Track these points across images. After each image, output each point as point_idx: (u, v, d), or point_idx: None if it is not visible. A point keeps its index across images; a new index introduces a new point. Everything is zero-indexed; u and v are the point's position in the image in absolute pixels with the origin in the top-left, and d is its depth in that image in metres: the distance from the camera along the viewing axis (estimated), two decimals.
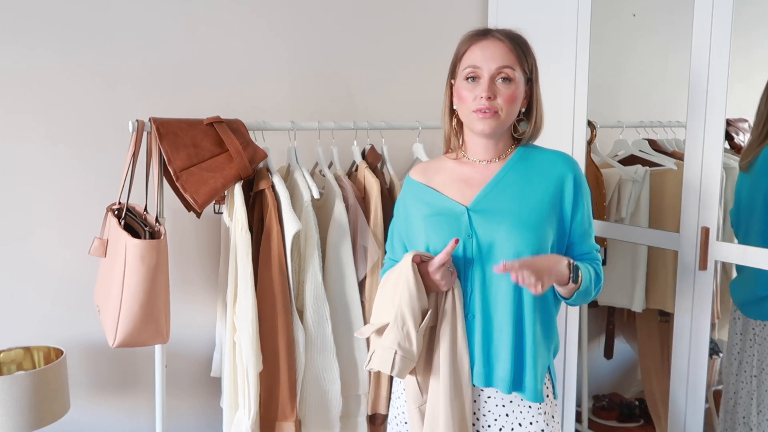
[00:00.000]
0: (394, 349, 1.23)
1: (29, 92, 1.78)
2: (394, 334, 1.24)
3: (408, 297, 1.25)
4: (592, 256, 1.38)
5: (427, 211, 1.36)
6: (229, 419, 1.76)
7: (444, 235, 1.30)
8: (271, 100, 2.13)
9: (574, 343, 2.20)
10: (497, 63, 1.26)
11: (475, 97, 1.27)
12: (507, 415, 1.33)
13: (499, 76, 1.27)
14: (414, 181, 1.43)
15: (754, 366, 1.91)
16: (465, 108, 1.30)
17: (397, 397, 1.43)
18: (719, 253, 1.73)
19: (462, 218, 1.31)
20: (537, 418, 1.32)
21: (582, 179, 1.35)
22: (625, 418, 2.57)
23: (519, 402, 1.33)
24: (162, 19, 1.94)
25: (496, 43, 1.28)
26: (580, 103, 2.08)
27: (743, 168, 1.81)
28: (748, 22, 1.69)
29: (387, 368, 1.22)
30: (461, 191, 1.35)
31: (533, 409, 1.32)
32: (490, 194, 1.32)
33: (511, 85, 1.27)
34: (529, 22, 2.26)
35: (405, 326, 1.24)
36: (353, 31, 2.27)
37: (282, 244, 1.67)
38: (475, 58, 1.28)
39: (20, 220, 1.80)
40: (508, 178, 1.33)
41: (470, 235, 1.30)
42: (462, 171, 1.38)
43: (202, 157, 1.66)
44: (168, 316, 1.64)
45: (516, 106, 1.30)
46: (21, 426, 1.57)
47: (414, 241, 1.38)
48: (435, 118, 2.13)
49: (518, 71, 1.28)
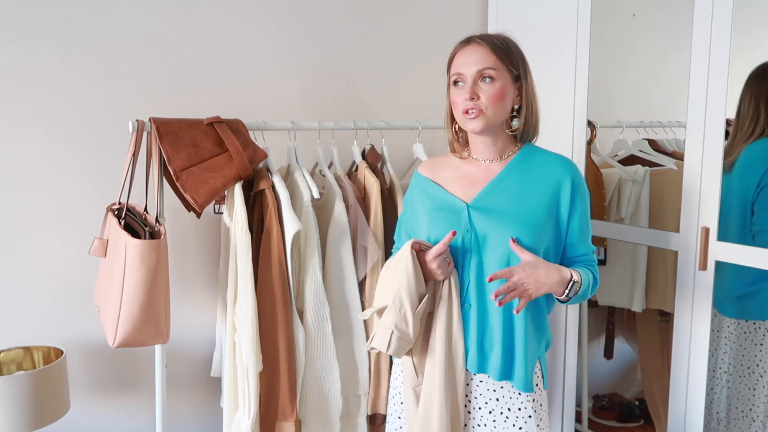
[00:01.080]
0: (391, 330, 1.32)
1: (29, 92, 1.78)
2: (392, 316, 1.32)
3: (406, 282, 1.32)
4: (588, 258, 1.43)
5: (430, 205, 1.44)
6: (229, 419, 1.76)
7: (444, 229, 1.37)
8: (271, 100, 2.13)
9: (574, 343, 2.20)
10: (477, 66, 1.34)
11: (463, 100, 1.35)
12: (497, 399, 1.40)
13: (480, 77, 1.34)
14: (421, 176, 1.51)
15: (726, 363, 1.95)
16: (457, 111, 1.38)
17: (395, 378, 1.52)
18: (719, 253, 1.73)
19: (462, 214, 1.38)
20: (525, 404, 1.39)
21: (580, 183, 1.40)
22: (625, 418, 2.57)
23: (509, 389, 1.40)
24: (162, 19, 1.94)
25: (477, 48, 1.35)
26: (580, 103, 2.08)
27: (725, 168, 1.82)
28: (748, 22, 1.69)
29: (384, 347, 1.32)
30: (464, 188, 1.42)
31: (522, 396, 1.39)
32: (491, 193, 1.39)
33: (495, 84, 1.33)
34: (529, 22, 2.27)
35: (402, 309, 1.32)
36: (353, 31, 2.27)
37: (282, 244, 1.67)
38: (459, 65, 1.37)
39: (20, 220, 1.80)
40: (508, 179, 1.39)
41: (469, 231, 1.37)
42: (466, 169, 1.45)
43: (202, 157, 1.66)
44: (168, 316, 1.63)
45: (502, 103, 1.35)
46: (21, 426, 1.57)
47: (417, 233, 1.46)
48: (435, 118, 2.14)
49: (501, 71, 1.34)
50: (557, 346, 2.22)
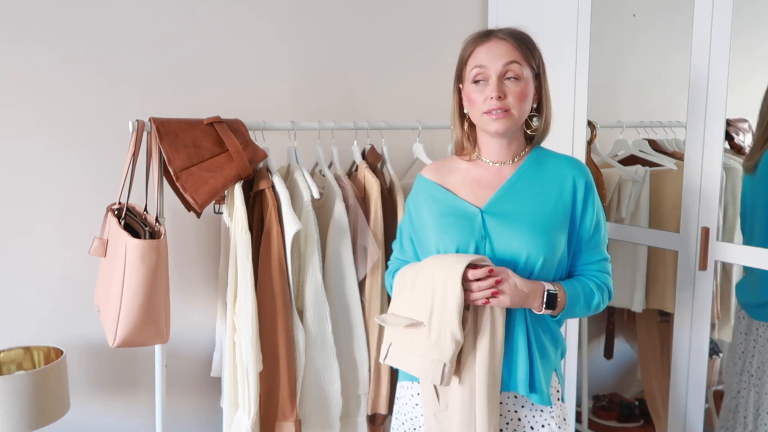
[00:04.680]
0: (444, 363, 1.22)
1: (29, 92, 1.78)
2: (442, 348, 1.22)
3: (457, 311, 1.21)
4: (599, 267, 1.35)
5: (438, 210, 1.35)
6: (229, 419, 1.76)
7: (455, 236, 1.29)
8: (271, 100, 2.13)
9: (574, 343, 2.20)
10: (503, 60, 1.25)
11: (486, 99, 1.26)
12: (519, 420, 1.32)
13: (506, 74, 1.26)
14: (427, 180, 1.42)
15: (754, 366, 1.92)
16: (476, 110, 1.29)
17: (404, 404, 1.41)
18: (719, 253, 1.73)
19: (476, 220, 1.30)
20: (548, 420, 1.31)
21: (592, 186, 1.33)
22: (625, 418, 2.57)
23: (531, 406, 1.32)
24: (163, 19, 1.94)
25: (500, 43, 1.27)
26: (580, 103, 2.08)
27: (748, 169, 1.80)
28: (748, 22, 1.69)
29: (438, 380, 1.22)
30: (474, 192, 1.34)
31: (545, 413, 1.31)
32: (505, 197, 1.31)
33: (520, 83, 1.26)
34: (529, 22, 2.25)
35: (456, 341, 1.21)
36: (353, 30, 2.27)
37: (282, 244, 1.67)
38: (481, 59, 1.27)
39: (20, 220, 1.80)
40: (522, 182, 1.32)
41: (483, 237, 1.28)
42: (475, 172, 1.37)
43: (202, 157, 1.66)
44: (168, 316, 1.63)
45: (527, 102, 1.28)
46: (21, 426, 1.57)
47: (424, 241, 1.37)
48: (435, 118, 2.14)
49: (526, 68, 1.27)
50: None
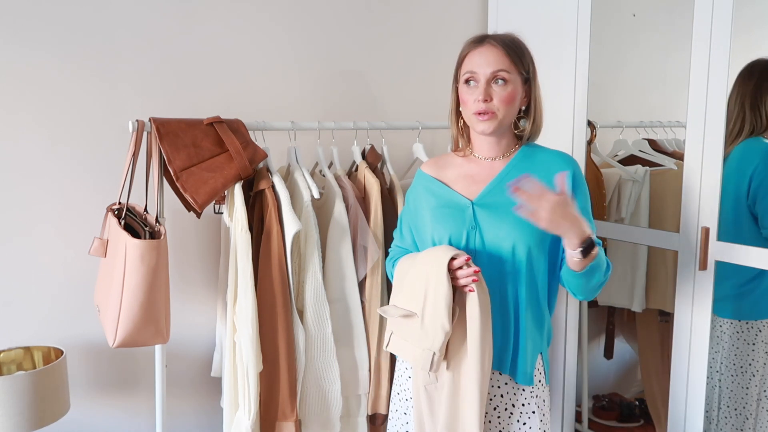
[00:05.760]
0: (433, 352, 1.30)
1: (29, 92, 1.78)
2: (432, 338, 1.31)
3: (445, 304, 1.29)
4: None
5: (434, 202, 1.45)
6: (229, 419, 1.76)
7: (448, 226, 1.40)
8: (271, 100, 2.13)
9: (574, 343, 2.20)
10: (492, 68, 1.34)
11: (475, 100, 1.36)
12: (501, 396, 1.41)
13: (495, 78, 1.35)
14: (425, 174, 1.52)
15: (719, 363, 1.96)
16: (467, 110, 1.40)
17: (400, 375, 1.51)
18: (719, 253, 1.73)
19: (467, 211, 1.40)
20: (529, 400, 1.41)
21: (580, 177, 1.42)
22: (625, 418, 2.57)
23: (513, 385, 1.41)
24: (162, 19, 1.94)
25: (491, 49, 1.36)
26: (580, 103, 2.08)
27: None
28: (748, 22, 1.69)
29: (427, 368, 1.32)
30: (467, 186, 1.44)
31: (526, 392, 1.41)
32: (494, 190, 1.41)
33: (507, 87, 1.35)
34: (529, 22, 2.27)
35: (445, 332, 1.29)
36: (353, 31, 2.27)
37: (282, 244, 1.67)
38: (473, 64, 1.37)
39: (20, 220, 1.80)
40: (512, 176, 1.41)
41: (474, 227, 1.38)
42: (469, 167, 1.47)
43: (202, 157, 1.66)
44: (168, 316, 1.64)
45: (513, 105, 1.38)
46: (21, 426, 1.57)
47: (421, 230, 1.48)
48: (435, 118, 2.14)
49: (513, 73, 1.36)
50: (557, 346, 2.22)
